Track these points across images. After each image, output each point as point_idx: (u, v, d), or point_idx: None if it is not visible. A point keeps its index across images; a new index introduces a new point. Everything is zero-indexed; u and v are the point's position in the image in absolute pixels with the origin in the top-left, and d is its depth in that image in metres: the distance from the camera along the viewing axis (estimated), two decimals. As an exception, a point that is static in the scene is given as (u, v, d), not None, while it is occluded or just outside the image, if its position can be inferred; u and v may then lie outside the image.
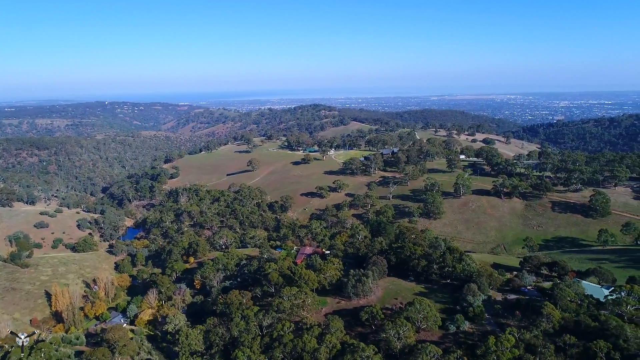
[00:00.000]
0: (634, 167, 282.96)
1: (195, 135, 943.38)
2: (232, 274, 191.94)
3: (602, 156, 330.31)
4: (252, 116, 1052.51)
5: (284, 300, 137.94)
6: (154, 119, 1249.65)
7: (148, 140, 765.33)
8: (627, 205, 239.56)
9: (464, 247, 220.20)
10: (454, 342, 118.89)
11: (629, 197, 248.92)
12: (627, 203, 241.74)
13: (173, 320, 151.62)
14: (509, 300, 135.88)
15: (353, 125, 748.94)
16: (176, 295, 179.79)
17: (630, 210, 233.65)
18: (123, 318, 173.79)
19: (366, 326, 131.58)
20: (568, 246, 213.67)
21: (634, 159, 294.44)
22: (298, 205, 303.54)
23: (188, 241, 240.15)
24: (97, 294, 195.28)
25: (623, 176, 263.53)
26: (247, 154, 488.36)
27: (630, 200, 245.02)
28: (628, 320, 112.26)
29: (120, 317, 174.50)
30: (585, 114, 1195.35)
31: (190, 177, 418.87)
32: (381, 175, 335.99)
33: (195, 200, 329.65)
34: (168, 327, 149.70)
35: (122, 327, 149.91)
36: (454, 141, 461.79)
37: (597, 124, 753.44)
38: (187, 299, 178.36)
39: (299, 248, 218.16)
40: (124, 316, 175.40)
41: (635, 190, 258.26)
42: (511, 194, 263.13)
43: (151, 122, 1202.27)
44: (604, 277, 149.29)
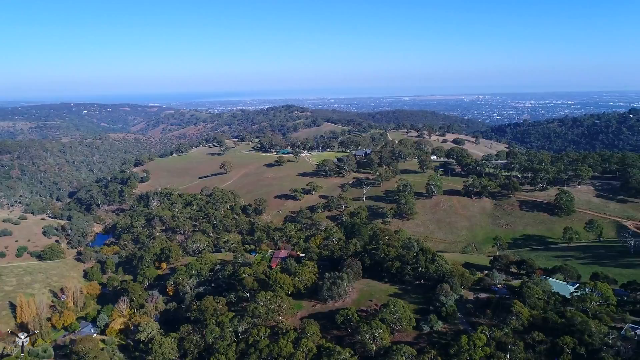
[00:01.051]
0: (595, 166, 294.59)
1: (166, 137, 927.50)
2: (206, 279, 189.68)
3: (566, 156, 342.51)
4: (224, 117, 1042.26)
5: (259, 305, 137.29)
6: (122, 121, 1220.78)
7: (117, 143, 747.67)
8: (590, 203, 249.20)
9: (437, 247, 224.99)
10: (428, 342, 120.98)
11: (591, 196, 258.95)
12: (590, 201, 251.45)
13: (145, 328, 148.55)
14: (480, 299, 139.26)
15: (326, 127, 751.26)
16: (148, 303, 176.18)
17: (592, 208, 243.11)
18: (93, 328, 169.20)
19: (342, 329, 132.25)
20: (535, 244, 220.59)
21: (596, 159, 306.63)
22: (272, 208, 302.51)
23: (160, 247, 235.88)
24: (65, 303, 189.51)
25: (586, 175, 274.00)
26: (219, 156, 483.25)
27: (593, 199, 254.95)
28: (592, 316, 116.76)
29: (90, 327, 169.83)
30: (550, 114, 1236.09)
31: (162, 181, 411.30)
32: (354, 177, 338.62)
33: (166, 204, 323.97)
34: (140, 335, 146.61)
35: (92, 338, 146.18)
36: (425, 142, 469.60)
37: (561, 123, 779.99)
38: (160, 307, 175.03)
39: (274, 251, 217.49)
40: (94, 326, 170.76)
41: (598, 188, 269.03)
42: (481, 194, 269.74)
43: (120, 124, 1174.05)
44: (570, 274, 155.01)
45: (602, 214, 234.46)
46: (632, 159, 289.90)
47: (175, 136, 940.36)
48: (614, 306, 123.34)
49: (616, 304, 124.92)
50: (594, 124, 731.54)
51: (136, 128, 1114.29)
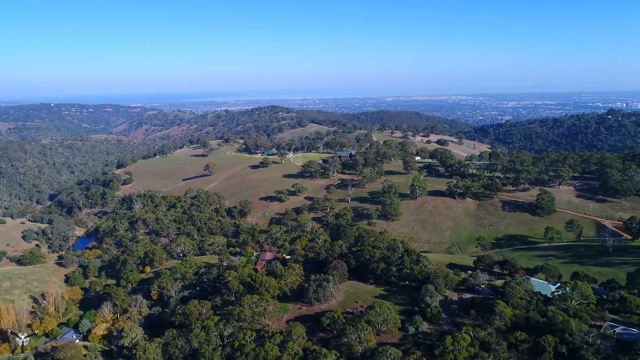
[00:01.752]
0: (575, 167, 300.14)
1: (148, 139, 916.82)
2: (191, 283, 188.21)
3: (547, 156, 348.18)
4: (208, 118, 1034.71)
5: (244, 308, 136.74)
6: (104, 122, 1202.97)
7: (98, 144, 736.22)
8: (571, 203, 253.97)
9: (421, 248, 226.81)
10: (413, 343, 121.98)
11: (572, 196, 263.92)
12: (571, 201, 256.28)
13: (129, 333, 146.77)
14: (464, 299, 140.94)
15: (311, 127, 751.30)
16: (132, 308, 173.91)
17: (573, 207, 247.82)
18: (75, 334, 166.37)
19: (328, 331, 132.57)
20: (518, 243, 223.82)
21: (576, 159, 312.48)
22: (257, 210, 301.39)
23: (144, 250, 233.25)
24: (46, 309, 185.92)
25: (566, 176, 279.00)
26: (203, 157, 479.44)
27: (573, 199, 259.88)
28: (573, 315, 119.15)
29: (72, 333, 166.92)
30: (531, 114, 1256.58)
31: (145, 183, 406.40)
32: (340, 178, 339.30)
33: (150, 207, 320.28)
34: (124, 341, 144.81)
35: (74, 344, 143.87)
36: (410, 143, 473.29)
37: (542, 124, 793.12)
38: (144, 311, 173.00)
39: (259, 254, 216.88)
40: (76, 332, 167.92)
41: (578, 188, 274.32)
42: (464, 195, 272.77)
43: (101, 125, 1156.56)
44: (551, 274, 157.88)
45: (582, 214, 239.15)
46: (611, 159, 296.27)
47: (159, 137, 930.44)
48: (593, 305, 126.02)
49: (596, 303, 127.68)
50: (574, 125, 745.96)
51: (118, 129, 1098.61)
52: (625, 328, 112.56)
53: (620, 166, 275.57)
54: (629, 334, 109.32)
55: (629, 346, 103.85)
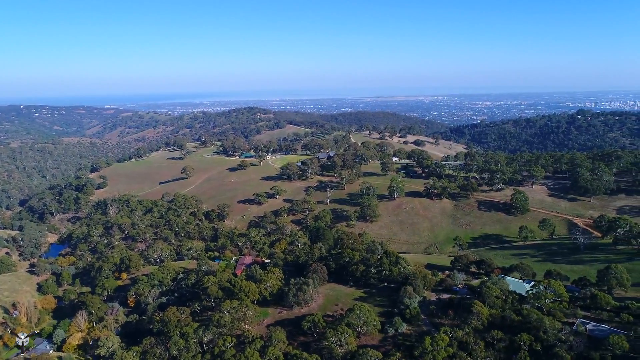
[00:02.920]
0: (547, 167, 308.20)
1: (123, 141, 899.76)
2: (169, 289, 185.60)
3: (520, 157, 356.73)
4: (184, 120, 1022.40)
5: (224, 314, 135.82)
6: (77, 124, 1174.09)
7: (71, 147, 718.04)
8: (543, 202, 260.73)
9: (400, 249, 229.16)
10: (393, 345, 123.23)
11: (544, 195, 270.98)
12: (543, 200, 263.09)
13: (106, 342, 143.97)
14: (442, 300, 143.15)
15: (289, 129, 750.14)
16: (108, 316, 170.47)
17: (545, 207, 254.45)
18: (49, 344, 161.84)
19: (308, 335, 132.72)
20: (493, 243, 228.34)
21: (548, 159, 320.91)
22: (236, 213, 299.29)
23: (120, 256, 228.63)
24: (18, 319, 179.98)
25: (539, 175, 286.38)
26: (180, 160, 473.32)
27: (546, 198, 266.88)
28: (546, 313, 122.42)
29: (45, 344, 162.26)
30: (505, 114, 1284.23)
31: (120, 187, 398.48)
32: (318, 180, 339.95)
33: (126, 211, 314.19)
34: (100, 350, 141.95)
35: (48, 355, 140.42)
36: (387, 144, 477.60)
37: (515, 124, 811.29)
38: (121, 319, 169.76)
39: (238, 258, 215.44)
40: (50, 342, 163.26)
41: (550, 188, 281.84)
42: (441, 195, 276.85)
43: (74, 127, 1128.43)
44: (525, 272, 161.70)
45: (554, 213, 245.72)
46: (581, 159, 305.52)
47: (134, 139, 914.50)
48: (566, 302, 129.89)
49: (568, 301, 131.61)
50: (546, 125, 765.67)
51: (92, 131, 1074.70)
52: (596, 324, 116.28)
53: (590, 166, 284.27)
54: (599, 330, 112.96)
55: (599, 342, 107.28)
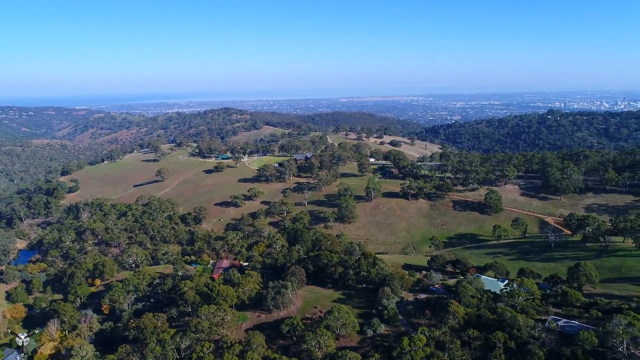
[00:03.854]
0: (520, 167, 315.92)
1: (95, 143, 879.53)
2: (145, 295, 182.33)
3: (493, 157, 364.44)
4: (159, 121, 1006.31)
5: (202, 319, 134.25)
6: (46, 125, 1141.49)
7: (40, 150, 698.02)
8: (516, 201, 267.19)
9: (377, 249, 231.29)
10: (371, 346, 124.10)
11: (517, 194, 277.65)
12: (516, 199, 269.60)
13: (79, 351, 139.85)
14: (419, 300, 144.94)
15: (266, 130, 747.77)
16: (82, 324, 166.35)
17: (518, 206, 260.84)
18: (19, 355, 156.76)
19: (287, 338, 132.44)
20: (468, 242, 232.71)
21: (520, 159, 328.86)
22: (212, 216, 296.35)
23: (93, 262, 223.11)
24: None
25: (511, 175, 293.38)
26: (155, 162, 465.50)
27: (518, 197, 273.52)
28: (520, 311, 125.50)
29: (15, 355, 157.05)
30: (479, 114, 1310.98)
31: (93, 191, 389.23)
32: (296, 182, 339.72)
33: (99, 216, 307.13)
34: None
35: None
36: (364, 144, 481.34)
37: (488, 124, 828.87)
38: (95, 327, 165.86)
39: (216, 262, 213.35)
40: (19, 353, 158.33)
41: (522, 187, 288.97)
42: (417, 196, 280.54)
43: (43, 129, 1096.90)
44: (499, 271, 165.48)
45: (526, 211, 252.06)
46: (551, 158, 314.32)
47: (106, 141, 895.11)
48: (538, 300, 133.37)
49: (540, 298, 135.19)
50: (518, 125, 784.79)
51: (62, 133, 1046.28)
52: (567, 321, 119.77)
53: (560, 165, 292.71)
54: (570, 327, 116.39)
55: (570, 338, 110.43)
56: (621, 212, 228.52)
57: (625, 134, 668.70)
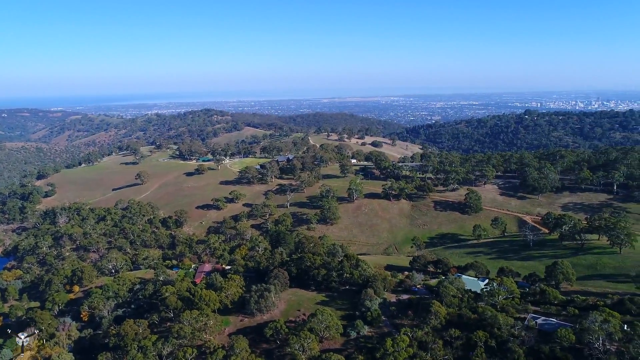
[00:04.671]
0: (498, 166, 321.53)
1: (72, 146, 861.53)
2: (125, 301, 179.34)
3: (473, 157, 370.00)
4: (138, 122, 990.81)
5: (184, 325, 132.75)
6: (21, 127, 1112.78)
7: (15, 153, 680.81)
8: (495, 201, 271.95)
9: (360, 250, 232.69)
10: (355, 348, 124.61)
11: (496, 194, 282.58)
12: (495, 199, 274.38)
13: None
14: (402, 300, 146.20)
15: (247, 131, 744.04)
16: (60, 332, 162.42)
17: (497, 205, 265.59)
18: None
19: (271, 342, 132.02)
20: (449, 242, 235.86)
21: (498, 159, 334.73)
22: (194, 220, 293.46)
23: (71, 268, 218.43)
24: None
25: (490, 175, 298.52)
26: (134, 165, 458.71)
27: (497, 197, 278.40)
28: (500, 310, 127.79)
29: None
30: (458, 114, 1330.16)
31: (70, 195, 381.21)
32: (278, 183, 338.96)
33: (77, 220, 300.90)
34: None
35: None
36: (346, 145, 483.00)
37: (468, 124, 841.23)
38: (74, 335, 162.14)
39: (198, 266, 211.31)
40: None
41: (501, 187, 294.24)
42: (399, 196, 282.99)
43: (18, 132, 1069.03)
44: (480, 270, 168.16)
45: (505, 211, 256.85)
46: (529, 158, 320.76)
47: (84, 144, 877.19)
48: (518, 299, 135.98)
49: (520, 296, 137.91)
50: (496, 125, 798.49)
51: (37, 135, 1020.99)
52: (545, 319, 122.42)
53: (537, 165, 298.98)
54: (549, 324, 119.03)
55: (548, 336, 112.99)
56: (596, 210, 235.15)
57: (599, 133, 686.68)
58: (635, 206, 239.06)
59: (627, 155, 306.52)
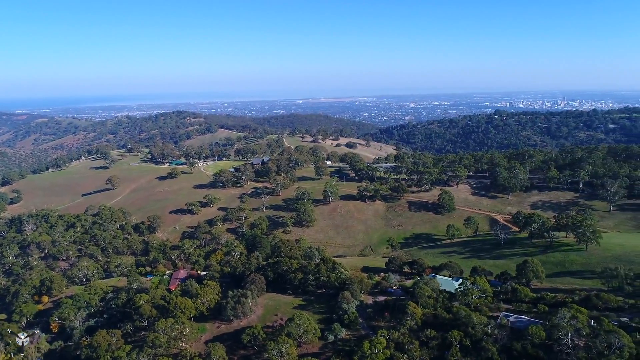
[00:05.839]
0: (470, 167, 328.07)
1: (39, 150, 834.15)
2: (97, 310, 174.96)
3: (445, 157, 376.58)
4: (107, 125, 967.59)
5: (159, 334, 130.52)
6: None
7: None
8: (467, 200, 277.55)
9: (336, 252, 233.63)
10: (333, 351, 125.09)
11: (468, 194, 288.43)
12: (467, 199, 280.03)
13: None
14: (378, 302, 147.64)
15: (221, 133, 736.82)
16: (29, 345, 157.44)
17: (469, 205, 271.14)
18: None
19: (249, 348, 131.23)
20: (424, 242, 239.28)
21: (470, 159, 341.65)
22: (167, 225, 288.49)
23: (39, 278, 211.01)
24: None
25: (463, 175, 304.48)
26: (105, 170, 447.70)
27: (470, 196, 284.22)
28: (474, 309, 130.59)
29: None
30: (430, 114, 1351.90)
31: (37, 201, 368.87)
32: (253, 187, 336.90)
33: (45, 228, 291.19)
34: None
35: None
36: (320, 147, 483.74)
37: (440, 124, 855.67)
38: (44, 347, 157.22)
39: (172, 272, 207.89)
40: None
41: (473, 187, 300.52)
42: (374, 197, 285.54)
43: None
44: (454, 270, 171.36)
45: (477, 210, 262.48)
46: (499, 158, 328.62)
47: (51, 148, 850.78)
48: (490, 297, 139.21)
49: (492, 295, 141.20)
50: (467, 125, 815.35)
51: (1, 139, 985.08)
52: (517, 316, 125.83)
53: (507, 165, 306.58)
54: (520, 322, 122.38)
55: (520, 333, 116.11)
56: (563, 208, 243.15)
57: (565, 132, 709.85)
58: (600, 204, 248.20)
59: (592, 154, 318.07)
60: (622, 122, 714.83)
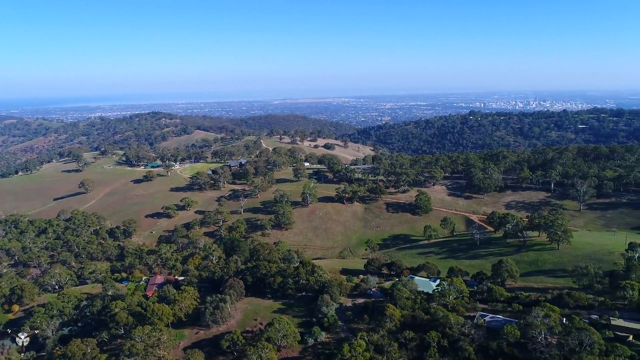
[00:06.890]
0: (446, 168, 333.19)
1: (7, 152, 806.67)
2: (71, 319, 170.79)
3: (422, 159, 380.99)
4: (80, 127, 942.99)
5: (136, 342, 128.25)
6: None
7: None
8: (444, 201, 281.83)
9: (315, 254, 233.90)
10: (313, 355, 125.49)
11: (444, 194, 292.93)
12: (444, 199, 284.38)
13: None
14: (357, 305, 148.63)
15: (197, 134, 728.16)
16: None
17: (446, 205, 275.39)
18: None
19: (228, 354, 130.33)
20: (402, 242, 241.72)
21: (446, 160, 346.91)
22: (143, 229, 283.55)
23: (9, 286, 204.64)
24: None
25: (439, 176, 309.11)
26: (77, 173, 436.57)
27: (446, 197, 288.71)
28: (451, 309, 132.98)
29: None
30: (407, 115, 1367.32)
31: (6, 206, 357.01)
32: (231, 189, 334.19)
33: (14, 234, 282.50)
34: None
35: None
36: (299, 149, 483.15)
37: (416, 125, 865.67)
38: (15, 358, 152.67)
39: (149, 278, 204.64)
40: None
41: (449, 187, 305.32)
42: (352, 199, 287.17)
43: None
44: (431, 271, 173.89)
45: (454, 210, 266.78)
46: (474, 159, 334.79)
47: (20, 150, 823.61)
48: (467, 297, 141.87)
49: (469, 295, 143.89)
50: (443, 125, 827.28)
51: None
52: (493, 316, 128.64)
53: (482, 165, 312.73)
54: (496, 321, 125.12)
55: (496, 332, 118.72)
56: (536, 208, 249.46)
57: (537, 132, 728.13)
58: (571, 203, 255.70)
59: (562, 155, 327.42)
60: (591, 122, 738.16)
